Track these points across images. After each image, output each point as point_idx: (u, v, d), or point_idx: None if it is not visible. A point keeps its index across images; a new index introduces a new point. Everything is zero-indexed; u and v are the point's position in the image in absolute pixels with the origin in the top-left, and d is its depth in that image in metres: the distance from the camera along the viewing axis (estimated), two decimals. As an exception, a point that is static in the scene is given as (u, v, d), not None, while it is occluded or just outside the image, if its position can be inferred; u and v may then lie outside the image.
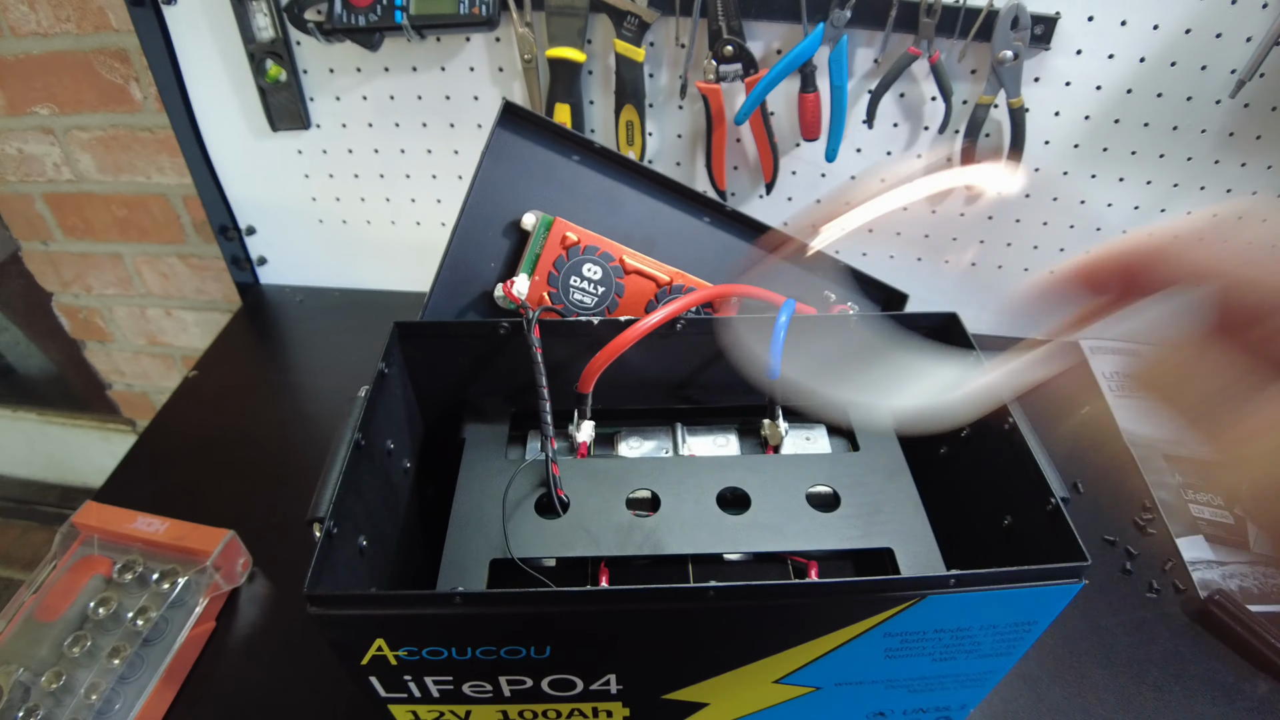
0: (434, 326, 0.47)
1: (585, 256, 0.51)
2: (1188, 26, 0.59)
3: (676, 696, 0.40)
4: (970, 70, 0.64)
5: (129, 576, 0.54)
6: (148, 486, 0.66)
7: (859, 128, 0.67)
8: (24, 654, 0.50)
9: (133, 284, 1.04)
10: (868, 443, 0.47)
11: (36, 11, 0.77)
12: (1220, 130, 0.64)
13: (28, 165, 0.92)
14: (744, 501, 0.42)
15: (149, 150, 0.87)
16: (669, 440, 0.48)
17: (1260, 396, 0.20)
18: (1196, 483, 0.66)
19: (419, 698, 0.39)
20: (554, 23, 0.64)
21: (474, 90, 0.71)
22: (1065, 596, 0.34)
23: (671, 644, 0.36)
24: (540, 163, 0.51)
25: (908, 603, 0.33)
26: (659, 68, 0.68)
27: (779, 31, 0.64)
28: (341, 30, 0.65)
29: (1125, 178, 0.68)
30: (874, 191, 0.60)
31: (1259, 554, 0.60)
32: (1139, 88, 0.62)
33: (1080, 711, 0.50)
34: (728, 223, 0.55)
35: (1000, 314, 0.80)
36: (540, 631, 0.35)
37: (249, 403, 0.76)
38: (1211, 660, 0.53)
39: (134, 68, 0.80)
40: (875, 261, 0.77)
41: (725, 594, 0.33)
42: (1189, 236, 0.22)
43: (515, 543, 0.40)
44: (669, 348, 0.48)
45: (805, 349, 0.44)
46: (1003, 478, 0.41)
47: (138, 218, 0.95)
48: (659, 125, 0.71)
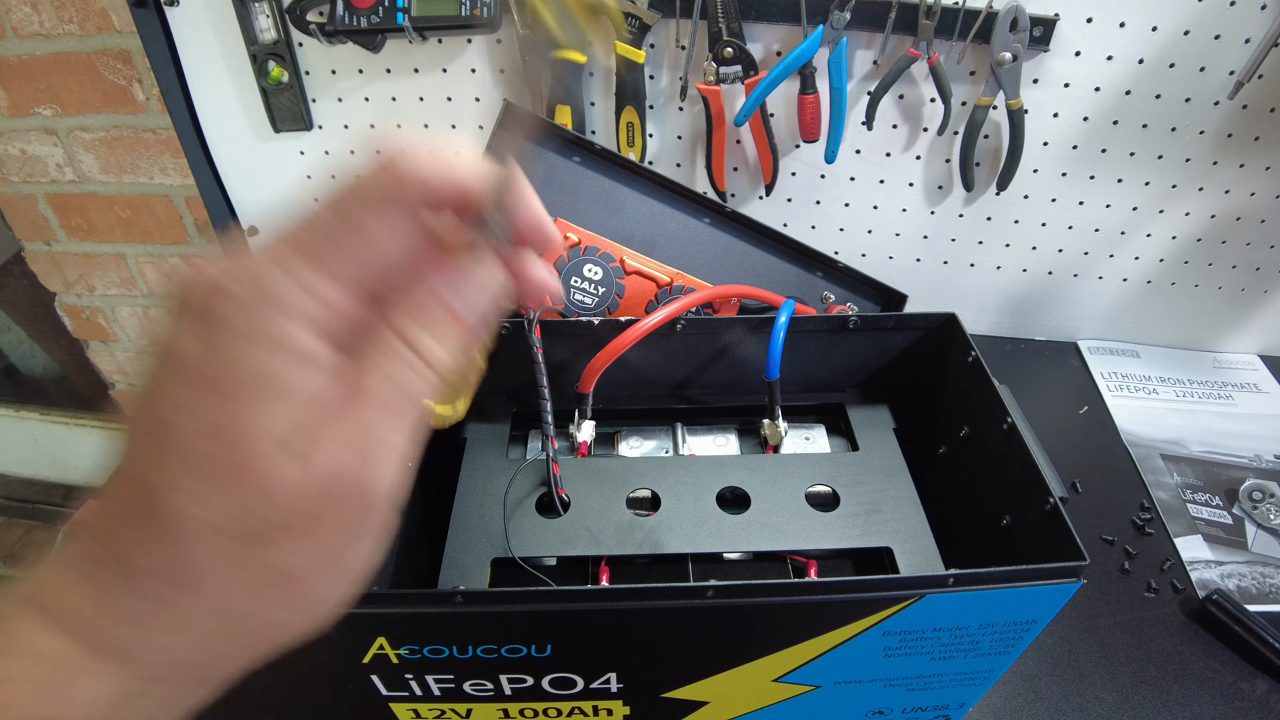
0: (435, 327, 0.47)
1: (586, 257, 0.51)
2: (1186, 28, 0.59)
3: (676, 695, 0.40)
4: (969, 72, 0.64)
5: (132, 575, 0.54)
6: (150, 486, 0.67)
7: (858, 129, 0.68)
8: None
9: (136, 284, 1.04)
10: (867, 442, 0.47)
11: (39, 13, 0.78)
12: (1218, 132, 0.64)
13: (31, 166, 0.92)
14: (744, 501, 0.43)
15: (152, 151, 0.87)
16: (669, 440, 0.48)
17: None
18: (1195, 483, 0.66)
19: (420, 696, 0.40)
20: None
21: (475, 92, 0.71)
22: (1064, 596, 0.34)
23: (671, 642, 0.37)
24: (541, 164, 0.52)
25: (907, 602, 0.34)
26: (659, 69, 0.68)
27: (779, 33, 0.64)
28: (343, 32, 0.65)
29: (1124, 179, 0.68)
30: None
31: (1257, 554, 0.60)
32: (1137, 89, 0.62)
33: (1078, 711, 0.50)
34: (728, 224, 0.55)
35: (999, 314, 0.80)
36: (541, 630, 0.35)
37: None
38: (1209, 660, 0.53)
39: (137, 69, 0.80)
40: (875, 262, 0.77)
41: (725, 593, 0.33)
42: None
43: (516, 542, 0.40)
44: (669, 348, 0.48)
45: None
46: (1001, 477, 0.41)
47: (141, 218, 0.95)
48: (659, 127, 0.72)
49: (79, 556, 0.18)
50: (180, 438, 0.17)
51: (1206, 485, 0.66)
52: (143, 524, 0.17)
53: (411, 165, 0.19)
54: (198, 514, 0.17)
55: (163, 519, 0.17)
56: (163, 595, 0.18)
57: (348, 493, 0.18)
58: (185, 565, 0.17)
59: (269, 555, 0.18)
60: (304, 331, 0.18)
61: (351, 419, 0.18)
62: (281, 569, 0.18)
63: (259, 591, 0.18)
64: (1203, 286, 0.74)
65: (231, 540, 0.17)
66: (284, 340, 0.17)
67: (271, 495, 0.17)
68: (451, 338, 0.20)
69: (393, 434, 0.19)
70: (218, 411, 0.17)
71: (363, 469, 0.18)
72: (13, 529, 1.42)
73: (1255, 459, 0.68)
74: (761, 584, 0.33)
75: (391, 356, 0.19)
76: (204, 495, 0.17)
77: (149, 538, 0.17)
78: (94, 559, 0.18)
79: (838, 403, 0.50)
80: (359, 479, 0.18)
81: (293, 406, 0.17)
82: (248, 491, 0.17)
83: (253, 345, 0.17)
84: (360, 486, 0.18)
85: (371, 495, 0.19)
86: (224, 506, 0.17)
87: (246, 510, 0.17)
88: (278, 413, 0.17)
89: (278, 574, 0.18)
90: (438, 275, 0.20)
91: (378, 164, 0.19)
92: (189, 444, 0.17)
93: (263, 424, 0.17)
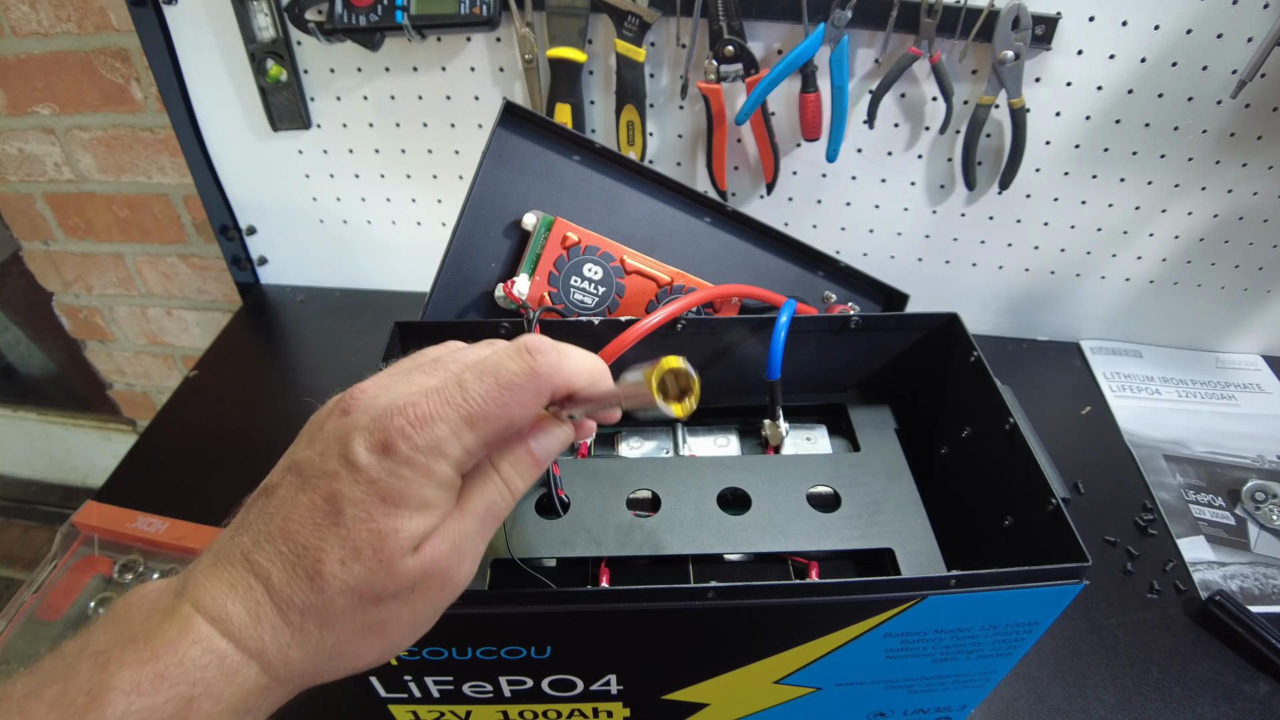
0: (435, 326, 0.47)
1: (586, 256, 0.51)
2: (1189, 27, 0.58)
3: (677, 697, 0.40)
4: (971, 70, 0.64)
5: (129, 576, 0.54)
6: (148, 486, 0.66)
7: (860, 128, 0.67)
8: (25, 654, 0.50)
9: (134, 284, 1.04)
10: (868, 443, 0.47)
11: (37, 11, 0.77)
12: (1221, 130, 0.63)
13: (29, 165, 0.92)
14: (744, 502, 0.42)
15: (150, 150, 0.87)
16: (669, 440, 0.48)
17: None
18: (1197, 484, 0.66)
19: (419, 698, 0.39)
20: (555, 23, 0.64)
21: (475, 90, 0.71)
22: (1066, 597, 0.34)
23: (672, 644, 0.36)
24: (541, 163, 0.51)
25: (908, 603, 0.33)
26: (660, 68, 0.68)
27: (780, 32, 0.64)
28: (342, 30, 0.65)
29: (1126, 178, 0.68)
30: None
31: (1260, 555, 0.60)
32: (1140, 88, 0.62)
33: (1081, 712, 0.50)
34: (728, 223, 0.55)
35: (1001, 314, 0.80)
36: (541, 632, 0.35)
37: (249, 403, 0.76)
38: (1212, 661, 0.53)
39: (135, 68, 0.80)
40: (876, 261, 0.77)
41: (725, 594, 0.33)
42: None
43: (516, 543, 0.40)
44: (670, 348, 0.48)
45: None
46: (1003, 478, 0.41)
47: (139, 218, 0.95)
48: (660, 125, 0.71)
49: (231, 580, 0.24)
50: (348, 525, 0.24)
51: (1209, 486, 0.65)
52: (297, 571, 0.24)
53: (551, 378, 0.26)
54: (342, 576, 0.24)
55: (316, 573, 0.24)
56: (301, 624, 0.24)
57: (439, 577, 0.25)
58: (323, 607, 0.24)
59: (378, 611, 0.25)
60: (452, 470, 0.25)
61: (454, 524, 0.26)
62: (382, 620, 0.25)
63: (363, 634, 0.25)
64: (1205, 286, 0.74)
65: (357, 597, 0.24)
66: (440, 476, 0.25)
67: (393, 572, 0.24)
68: (530, 472, 0.29)
69: (478, 538, 0.27)
70: (380, 514, 0.24)
71: (452, 561, 0.26)
72: (10, 529, 1.42)
73: (1258, 459, 0.68)
74: (762, 585, 0.33)
75: (488, 483, 0.27)
76: (349, 564, 0.24)
77: (301, 581, 0.24)
78: (245, 584, 0.24)
79: (839, 403, 0.50)
80: (448, 568, 0.26)
81: (427, 518, 0.25)
82: (379, 568, 0.24)
83: (420, 476, 0.24)
84: (447, 572, 0.26)
85: (454, 580, 0.26)
86: (360, 574, 0.24)
87: (373, 579, 0.24)
88: (419, 522, 0.25)
89: (379, 624, 0.25)
90: (529, 429, 0.29)
91: (527, 367, 0.26)
92: (353, 531, 0.24)
93: (408, 527, 0.24)
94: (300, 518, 0.24)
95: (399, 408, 0.25)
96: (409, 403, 0.25)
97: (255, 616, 0.23)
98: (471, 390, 0.25)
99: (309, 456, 0.25)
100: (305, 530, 0.24)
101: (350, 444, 0.24)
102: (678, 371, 0.27)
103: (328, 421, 0.27)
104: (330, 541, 0.24)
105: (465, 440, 0.25)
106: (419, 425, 0.24)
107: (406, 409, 0.25)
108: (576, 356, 0.28)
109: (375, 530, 0.24)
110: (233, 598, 0.24)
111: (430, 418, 0.24)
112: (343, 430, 0.25)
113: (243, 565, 0.24)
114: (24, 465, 1.42)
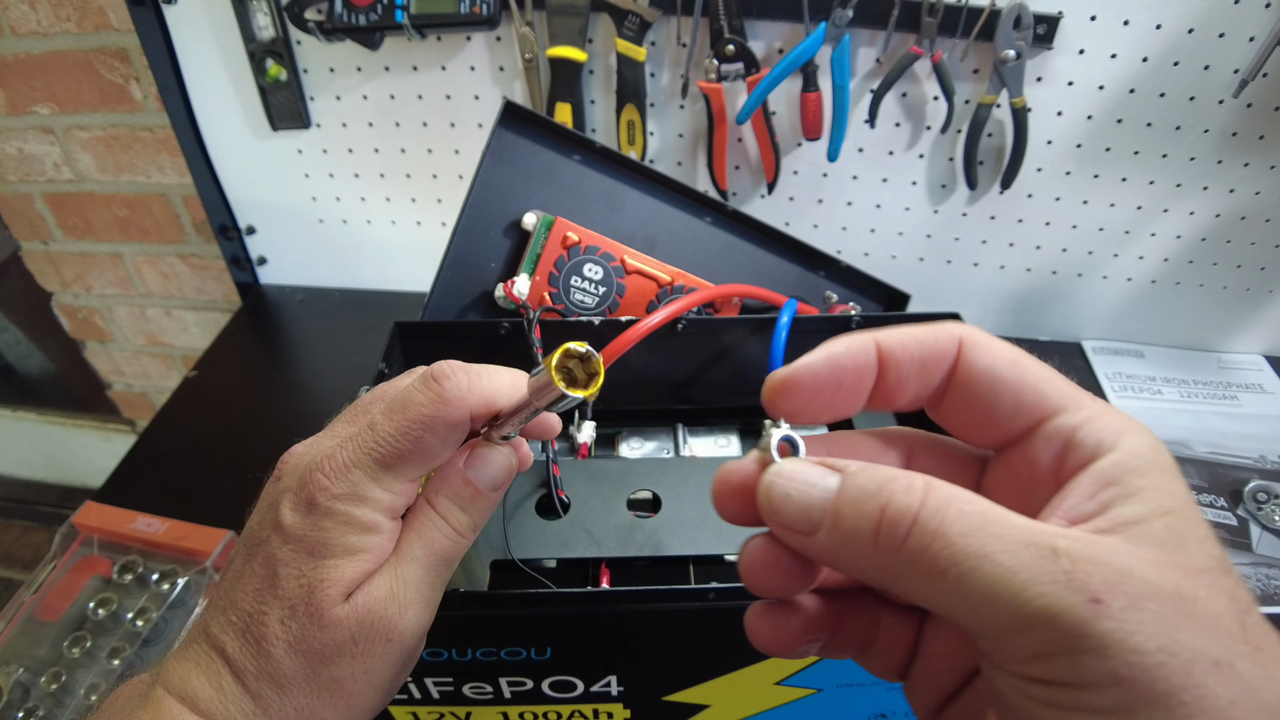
0: (434, 326, 0.47)
1: (586, 256, 0.51)
2: (1190, 26, 0.58)
3: (678, 698, 0.40)
4: (973, 70, 0.64)
5: (128, 577, 0.53)
6: (148, 486, 0.66)
7: (861, 127, 0.67)
8: (24, 654, 0.50)
9: (133, 284, 1.04)
10: (870, 443, 0.46)
11: (36, 11, 0.77)
12: (1223, 130, 0.63)
13: (28, 165, 0.92)
14: (746, 502, 0.42)
15: (149, 150, 0.87)
16: (670, 441, 0.48)
17: None
18: (1199, 484, 0.65)
19: (419, 699, 0.39)
20: (555, 22, 0.64)
21: (475, 90, 0.71)
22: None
23: (673, 645, 0.36)
24: (541, 162, 0.51)
25: (911, 604, 0.33)
26: (660, 67, 0.68)
27: (780, 31, 0.64)
28: (342, 29, 0.65)
29: (1128, 177, 0.67)
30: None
31: (1262, 555, 0.60)
32: (1142, 87, 0.62)
33: (1083, 713, 0.50)
34: (729, 222, 0.55)
35: (1003, 314, 0.80)
36: (541, 633, 0.35)
37: (249, 403, 0.76)
38: (1215, 662, 0.52)
39: (134, 67, 0.80)
40: (877, 261, 0.77)
41: (726, 595, 0.33)
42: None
43: (516, 544, 0.40)
44: (670, 348, 0.48)
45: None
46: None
47: (138, 217, 0.95)
48: (660, 125, 0.71)
49: (195, 657, 0.25)
50: (283, 585, 0.24)
51: (1211, 486, 0.65)
52: (246, 637, 0.24)
53: (463, 401, 0.26)
54: (284, 635, 0.24)
55: (261, 635, 0.24)
56: (259, 690, 0.24)
57: (382, 628, 0.25)
58: (274, 670, 0.24)
59: (328, 670, 0.25)
60: (377, 514, 0.25)
61: (390, 570, 0.26)
62: (336, 680, 0.25)
63: (320, 695, 0.25)
64: (1207, 286, 0.74)
65: (303, 656, 0.24)
66: (363, 521, 0.25)
67: (325, 623, 0.24)
68: (475, 504, 0.28)
69: (422, 583, 0.26)
70: (309, 568, 0.24)
71: (393, 610, 0.25)
72: (9, 530, 1.42)
73: (1260, 460, 0.68)
74: (764, 587, 0.33)
75: (426, 522, 0.27)
76: (288, 623, 0.24)
77: (250, 647, 0.24)
78: (207, 659, 0.25)
79: (840, 403, 0.49)
80: (388, 616, 0.25)
81: (355, 564, 0.25)
82: (311, 620, 0.24)
83: (340, 525, 0.25)
84: (389, 622, 0.25)
85: (400, 630, 0.25)
86: (298, 630, 0.24)
87: (309, 633, 0.24)
88: (346, 568, 0.25)
89: (334, 683, 0.25)
90: (462, 458, 0.28)
91: (434, 395, 0.25)
92: (288, 589, 0.24)
93: (334, 575, 0.24)
94: (244, 587, 0.25)
95: (318, 463, 0.25)
96: (326, 456, 0.25)
97: (219, 689, 0.24)
98: (381, 431, 0.25)
99: (251, 527, 0.26)
100: (249, 598, 0.25)
101: (279, 508, 0.25)
102: (580, 354, 0.25)
103: (266, 488, 0.27)
104: (271, 604, 0.24)
105: (384, 482, 0.25)
106: (334, 476, 0.25)
107: (324, 463, 0.25)
108: (491, 374, 0.27)
109: (305, 585, 0.24)
110: (197, 674, 0.24)
111: (345, 466, 0.25)
112: (274, 496, 0.26)
113: (204, 640, 0.25)
114: (23, 465, 1.41)
